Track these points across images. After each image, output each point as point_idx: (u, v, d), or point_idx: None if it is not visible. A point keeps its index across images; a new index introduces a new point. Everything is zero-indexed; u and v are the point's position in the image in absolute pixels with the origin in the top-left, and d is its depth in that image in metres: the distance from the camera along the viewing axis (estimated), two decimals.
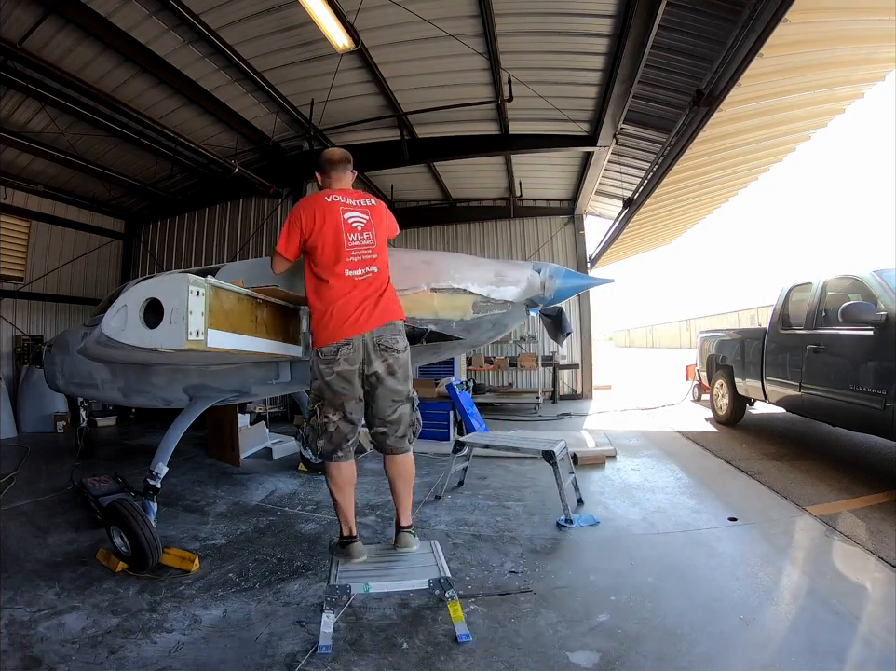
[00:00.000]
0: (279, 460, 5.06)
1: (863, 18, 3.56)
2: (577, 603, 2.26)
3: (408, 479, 2.26)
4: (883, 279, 3.90)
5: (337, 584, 1.98)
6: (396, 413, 2.18)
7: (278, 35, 4.78)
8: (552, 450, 3.41)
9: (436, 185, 8.97)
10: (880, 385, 3.58)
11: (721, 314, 29.23)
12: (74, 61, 4.82)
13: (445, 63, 5.31)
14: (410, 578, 2.06)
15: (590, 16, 4.53)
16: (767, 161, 6.56)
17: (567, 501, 3.28)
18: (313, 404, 2.17)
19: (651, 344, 43.14)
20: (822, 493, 3.65)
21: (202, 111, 6.00)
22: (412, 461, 2.27)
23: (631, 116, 6.04)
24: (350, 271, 2.18)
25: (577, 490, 3.64)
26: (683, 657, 1.87)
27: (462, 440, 3.97)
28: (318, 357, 2.15)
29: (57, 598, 2.36)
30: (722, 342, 6.74)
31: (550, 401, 9.01)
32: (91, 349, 2.87)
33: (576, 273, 2.75)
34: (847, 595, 2.25)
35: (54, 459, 5.12)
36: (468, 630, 2.00)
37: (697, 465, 4.60)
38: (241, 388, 3.14)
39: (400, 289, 2.35)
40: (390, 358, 2.15)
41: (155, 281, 1.99)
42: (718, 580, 2.45)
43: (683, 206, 8.25)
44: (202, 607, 2.28)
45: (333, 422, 2.12)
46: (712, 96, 4.26)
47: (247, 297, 2.26)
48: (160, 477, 2.86)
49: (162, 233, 8.70)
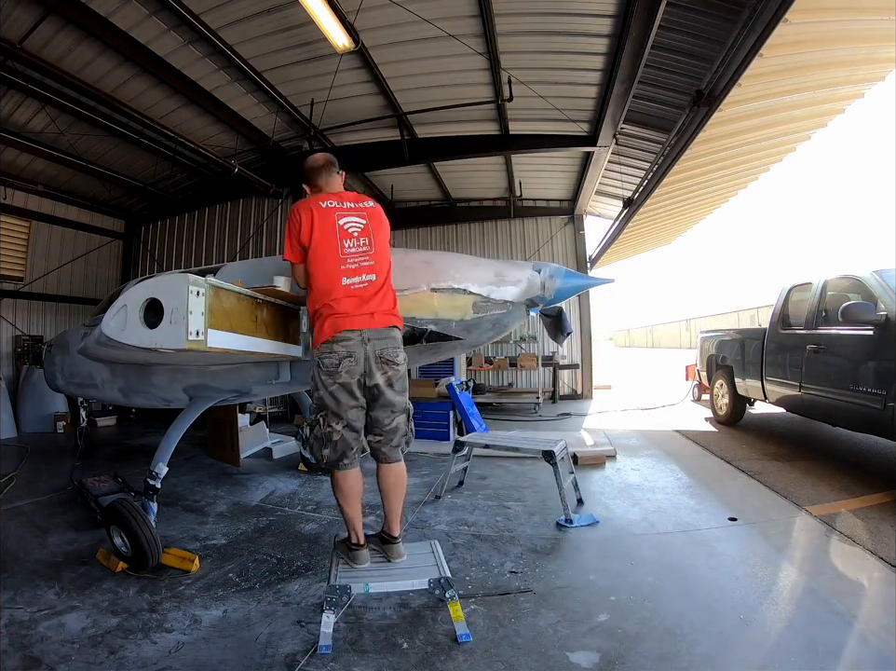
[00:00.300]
0: (279, 460, 5.06)
1: (863, 18, 3.56)
2: (577, 603, 2.26)
3: (400, 488, 2.28)
4: (883, 279, 3.90)
5: (337, 584, 1.98)
6: (393, 423, 2.21)
7: (278, 35, 4.79)
8: (552, 450, 3.41)
9: (436, 185, 8.97)
10: (880, 385, 3.58)
11: (721, 314, 29.23)
12: (74, 61, 4.83)
13: (445, 63, 5.31)
14: (410, 578, 2.07)
15: (590, 16, 4.53)
16: (767, 161, 6.56)
17: (567, 501, 3.28)
18: (315, 414, 2.17)
19: (651, 344, 43.15)
20: (822, 493, 3.65)
21: (202, 111, 6.01)
22: (404, 470, 2.30)
23: (631, 116, 6.04)
24: (348, 279, 2.13)
25: (577, 490, 3.64)
26: (683, 657, 1.87)
27: (462, 440, 3.98)
28: (319, 368, 2.13)
29: (57, 598, 2.36)
30: (722, 342, 6.74)
31: (550, 401, 9.01)
32: (91, 349, 2.87)
33: (576, 273, 2.75)
34: (846, 595, 2.25)
35: (54, 459, 5.12)
36: (467, 630, 2.00)
37: (697, 465, 4.60)
38: (241, 388, 3.15)
39: (400, 289, 2.35)
40: (390, 371, 2.16)
41: (155, 281, 1.99)
42: (718, 580, 2.45)
43: (683, 206, 8.25)
44: (202, 607, 2.28)
45: (338, 431, 2.13)
46: (712, 96, 4.26)
47: (247, 297, 2.26)
48: (160, 477, 2.86)
49: (162, 233, 8.70)
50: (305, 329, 2.62)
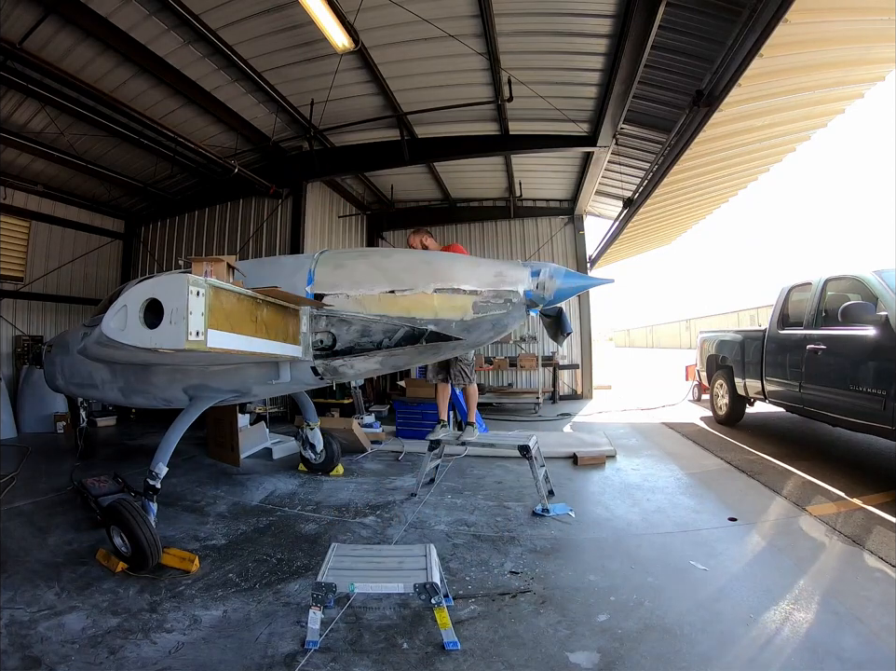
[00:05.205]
0: (279, 460, 5.06)
1: (863, 18, 3.56)
2: (577, 603, 2.26)
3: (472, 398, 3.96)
4: (883, 279, 3.90)
5: (323, 582, 1.98)
6: None
7: (278, 35, 4.79)
8: (527, 444, 3.56)
9: (436, 186, 8.97)
10: (880, 385, 3.58)
11: (721, 314, 29.20)
12: (74, 61, 4.82)
13: (445, 63, 5.31)
14: (395, 580, 2.03)
15: (590, 16, 4.53)
16: (767, 161, 6.56)
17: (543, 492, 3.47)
18: None
19: (651, 344, 43.11)
20: (822, 493, 3.65)
21: (202, 111, 6.00)
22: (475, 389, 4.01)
23: (631, 117, 6.04)
24: None
25: (549, 482, 3.82)
26: (683, 657, 1.87)
27: (437, 438, 3.92)
28: None
29: (57, 598, 2.36)
30: (722, 342, 6.73)
31: (550, 401, 9.01)
32: (91, 349, 2.87)
33: (575, 273, 2.75)
34: (846, 596, 2.25)
35: (54, 459, 5.12)
36: (455, 638, 1.96)
37: (697, 465, 4.60)
38: (241, 388, 3.15)
39: (400, 289, 2.35)
40: None
41: (155, 282, 1.99)
42: (718, 580, 2.46)
43: (683, 206, 8.25)
44: (202, 607, 2.28)
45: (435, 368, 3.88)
46: (712, 96, 4.26)
47: (247, 297, 2.26)
48: (160, 477, 2.87)
49: (162, 233, 8.70)
50: (304, 329, 2.62)
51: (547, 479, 3.79)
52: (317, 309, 2.68)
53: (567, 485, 4.09)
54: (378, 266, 2.70)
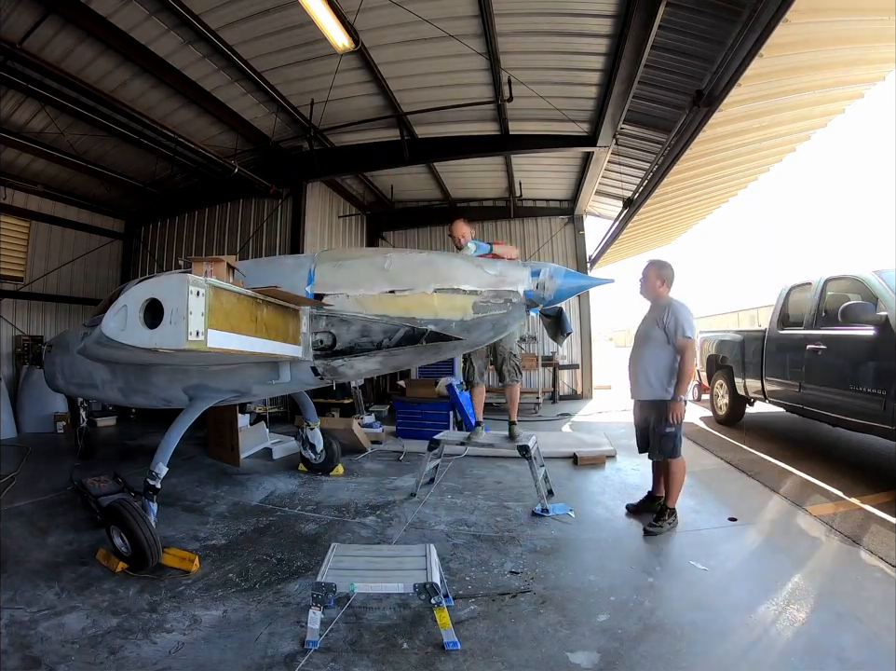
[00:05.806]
0: (279, 460, 5.06)
1: (863, 18, 3.55)
2: (577, 603, 2.26)
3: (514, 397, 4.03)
4: (883, 279, 3.90)
5: (323, 582, 1.98)
6: None
7: (278, 35, 4.79)
8: (527, 444, 3.56)
9: (436, 185, 8.97)
10: (880, 385, 3.58)
11: (721, 314, 29.17)
12: (74, 61, 4.82)
13: (445, 63, 5.31)
14: (395, 581, 2.03)
15: (590, 16, 4.53)
16: (767, 161, 6.55)
17: (543, 492, 3.44)
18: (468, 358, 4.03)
19: None
20: (822, 493, 3.65)
21: (202, 111, 6.00)
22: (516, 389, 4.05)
23: (631, 117, 6.04)
24: None
25: (548, 482, 3.80)
26: (682, 657, 1.87)
27: (437, 438, 3.95)
28: None
29: (57, 598, 2.36)
30: (722, 342, 6.73)
31: (550, 401, 9.01)
32: (91, 349, 2.87)
33: (575, 273, 2.75)
34: (847, 596, 2.25)
35: (54, 459, 5.11)
36: (455, 638, 1.96)
37: (697, 465, 4.58)
38: (241, 388, 3.14)
39: (400, 289, 2.35)
40: None
41: (155, 282, 1.99)
42: (718, 580, 2.46)
43: (683, 206, 8.24)
44: (202, 607, 2.28)
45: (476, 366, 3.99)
46: (712, 96, 4.25)
47: (247, 297, 2.26)
48: (160, 477, 2.87)
49: (162, 233, 8.69)
50: (304, 329, 2.62)
51: (546, 479, 3.78)
52: (317, 309, 2.68)
53: (567, 485, 4.09)
54: (378, 265, 2.70)
